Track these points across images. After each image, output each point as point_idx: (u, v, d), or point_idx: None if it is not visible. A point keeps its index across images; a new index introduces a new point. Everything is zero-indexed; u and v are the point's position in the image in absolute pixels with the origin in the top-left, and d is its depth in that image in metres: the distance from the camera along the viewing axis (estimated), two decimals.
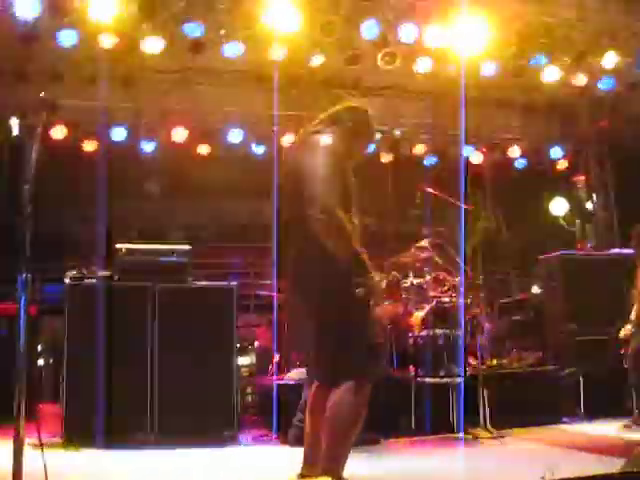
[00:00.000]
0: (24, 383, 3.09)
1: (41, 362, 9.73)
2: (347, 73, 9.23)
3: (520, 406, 7.01)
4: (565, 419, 7.36)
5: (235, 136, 10.03)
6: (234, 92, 9.83)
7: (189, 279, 6.53)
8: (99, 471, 5.26)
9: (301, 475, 3.95)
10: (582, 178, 11.45)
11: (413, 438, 6.51)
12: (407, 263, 7.40)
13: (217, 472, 5.11)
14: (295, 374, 7.05)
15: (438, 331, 6.68)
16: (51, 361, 9.82)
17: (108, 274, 6.42)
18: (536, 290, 10.00)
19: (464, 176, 8.30)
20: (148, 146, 9.94)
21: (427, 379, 6.61)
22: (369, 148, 4.26)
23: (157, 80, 9.48)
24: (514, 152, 11.21)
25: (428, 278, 7.31)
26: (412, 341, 6.82)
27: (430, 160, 10.95)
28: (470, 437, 6.42)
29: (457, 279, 7.30)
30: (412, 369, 6.80)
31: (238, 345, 6.98)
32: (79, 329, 6.15)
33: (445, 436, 6.54)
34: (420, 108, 10.60)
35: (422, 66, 8.74)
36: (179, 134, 9.75)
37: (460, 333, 6.70)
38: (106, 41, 7.79)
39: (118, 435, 5.99)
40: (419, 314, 6.99)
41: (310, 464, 3.93)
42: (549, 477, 3.82)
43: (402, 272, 7.41)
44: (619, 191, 11.51)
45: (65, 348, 6.16)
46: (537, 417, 7.09)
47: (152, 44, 7.89)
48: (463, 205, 7.19)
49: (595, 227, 11.35)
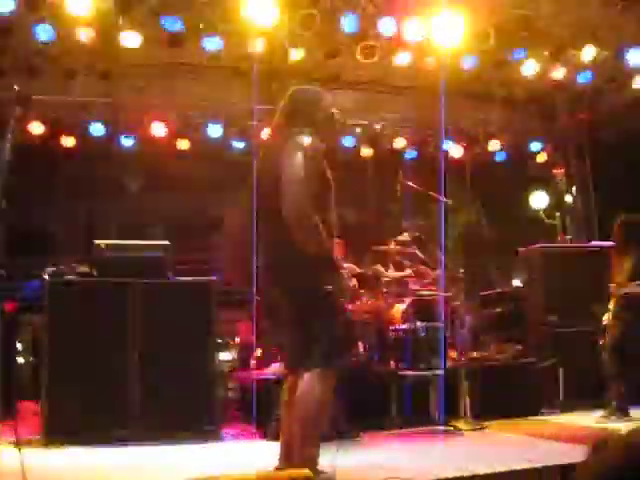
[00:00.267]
0: None
1: (21, 360, 9.66)
2: (327, 67, 9.21)
3: (501, 398, 7.05)
4: (545, 410, 7.42)
5: (215, 130, 9.99)
6: (213, 86, 9.79)
7: (169, 275, 6.50)
8: (80, 469, 5.22)
9: (277, 468, 3.97)
10: (561, 171, 11.48)
11: (394, 431, 6.52)
12: (387, 257, 7.41)
13: (199, 467, 5.08)
14: (276, 368, 7.04)
15: (419, 324, 6.69)
16: (31, 359, 9.75)
17: (87, 270, 6.38)
18: (517, 283, 10.04)
19: (444, 170, 8.31)
20: (127, 141, 9.88)
21: (408, 372, 6.62)
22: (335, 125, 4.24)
23: (135, 75, 9.41)
24: (494, 146, 11.24)
25: (408, 271, 7.32)
26: (393, 334, 6.83)
27: (410, 154, 10.96)
28: (451, 429, 6.45)
29: (437, 272, 7.31)
30: (393, 362, 6.81)
31: (219, 340, 6.96)
32: (59, 326, 6.11)
33: (426, 429, 6.56)
34: (400, 102, 10.60)
35: (401, 60, 8.74)
36: (158, 129, 9.70)
37: (441, 326, 6.71)
38: (83, 35, 7.73)
39: (99, 432, 5.97)
40: (400, 307, 7.00)
41: (287, 456, 3.97)
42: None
43: (382, 266, 7.42)
44: (598, 184, 11.57)
45: (44, 345, 6.12)
46: (517, 408, 7.14)
47: (130, 38, 7.84)
48: (443, 199, 7.20)
49: (575, 220, 11.41)
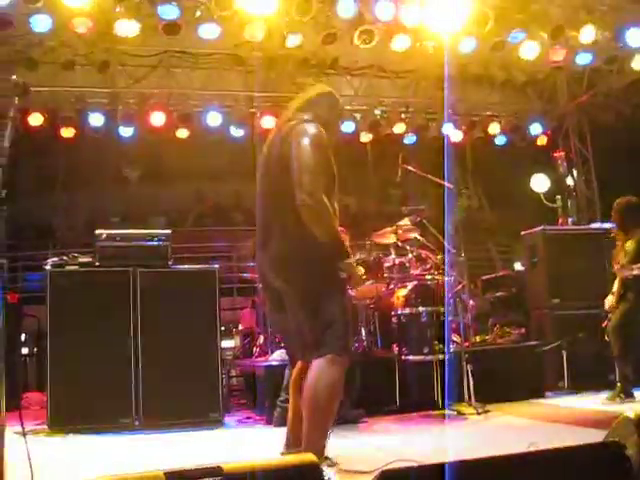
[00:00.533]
0: (3, 371, 3.06)
1: (25, 351, 9.70)
2: (324, 53, 9.18)
3: (504, 382, 7.05)
4: (549, 393, 7.43)
5: (214, 119, 9.97)
6: (211, 74, 9.78)
7: (170, 263, 6.51)
8: (84, 456, 5.24)
9: (282, 453, 3.98)
10: (562, 154, 11.46)
11: (398, 415, 6.54)
12: (389, 242, 7.40)
13: (203, 454, 5.10)
14: (279, 355, 7.05)
15: (421, 309, 6.68)
16: (35, 349, 9.79)
17: (89, 260, 6.38)
18: (518, 266, 10.04)
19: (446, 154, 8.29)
20: (126, 131, 9.86)
21: (411, 357, 6.62)
22: (340, 128, 4.44)
23: (133, 64, 9.40)
24: (494, 129, 11.21)
25: (410, 256, 7.31)
26: (395, 319, 6.82)
27: (410, 139, 10.93)
28: (455, 413, 6.45)
29: (439, 257, 7.30)
30: (396, 347, 6.81)
31: (222, 328, 6.97)
32: (61, 316, 6.11)
33: (430, 413, 6.57)
34: (399, 87, 10.58)
35: (400, 44, 8.70)
36: (157, 118, 9.68)
37: (444, 310, 6.70)
38: (80, 26, 7.71)
39: (103, 420, 6.00)
40: (402, 292, 6.99)
41: (292, 442, 3.96)
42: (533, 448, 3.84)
43: (384, 251, 7.41)
44: (599, 166, 11.56)
45: (48, 335, 6.13)
46: (521, 392, 7.15)
47: (127, 27, 7.82)
48: (444, 183, 7.18)
49: (576, 202, 11.40)
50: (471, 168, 11.50)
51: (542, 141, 11.62)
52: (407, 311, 6.74)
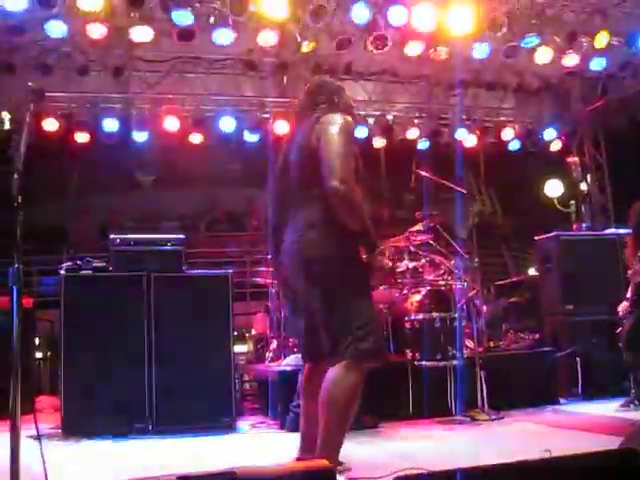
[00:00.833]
0: (19, 375, 3.08)
1: (39, 355, 9.74)
2: (338, 58, 9.18)
3: (518, 388, 7.04)
4: (563, 400, 7.39)
5: (227, 124, 9.99)
6: (225, 80, 9.80)
7: (184, 268, 6.53)
8: (98, 461, 5.26)
9: (297, 459, 3.94)
10: (576, 159, 11.42)
11: (411, 421, 6.53)
12: (402, 247, 7.39)
13: (216, 459, 5.11)
14: (292, 360, 7.05)
15: (434, 314, 6.68)
16: (49, 354, 9.83)
17: (103, 265, 6.41)
18: (533, 272, 10.01)
19: (459, 159, 8.29)
20: (140, 136, 9.89)
21: (424, 362, 6.61)
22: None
23: (147, 69, 9.44)
24: (507, 134, 11.18)
25: (423, 262, 7.30)
26: (409, 325, 6.82)
27: (423, 144, 10.92)
28: (468, 419, 6.44)
29: (452, 262, 7.29)
30: (409, 353, 6.81)
31: (235, 333, 6.98)
32: (75, 320, 6.14)
33: (443, 419, 6.55)
34: (412, 92, 10.56)
35: (413, 50, 8.69)
36: (171, 123, 9.71)
37: (457, 316, 6.70)
38: (95, 31, 7.75)
39: (116, 425, 6.02)
40: (415, 298, 6.99)
41: (307, 448, 3.92)
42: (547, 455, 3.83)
43: (398, 256, 7.40)
44: (613, 171, 11.51)
45: (62, 339, 6.16)
46: (535, 398, 7.12)
47: (141, 33, 7.85)
48: (458, 188, 7.18)
49: (590, 208, 11.35)
50: (484, 173, 11.48)
51: (556, 146, 11.57)
52: (420, 317, 6.73)
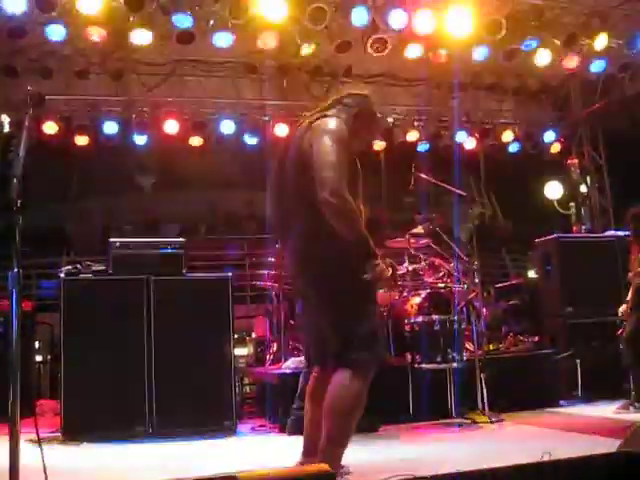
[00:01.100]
0: (18, 378, 3.07)
1: (39, 358, 9.73)
2: (338, 61, 9.20)
3: (518, 390, 7.04)
4: (563, 402, 7.39)
5: (227, 127, 10.00)
6: (225, 83, 9.81)
7: (184, 271, 6.52)
8: (98, 464, 5.26)
9: (301, 463, 3.93)
10: (576, 161, 11.43)
11: (412, 424, 6.52)
12: (402, 250, 7.40)
13: (217, 463, 5.11)
14: (292, 363, 7.05)
15: (434, 317, 6.67)
16: (49, 357, 9.82)
17: (103, 268, 6.41)
18: (533, 274, 10.00)
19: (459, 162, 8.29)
20: (140, 139, 9.90)
21: (424, 365, 6.61)
22: (376, 135, 4.25)
23: (147, 72, 9.44)
24: (507, 137, 11.19)
25: (423, 264, 7.30)
26: (408, 327, 6.81)
27: (423, 146, 10.92)
28: (468, 422, 6.44)
29: (452, 265, 7.29)
30: (409, 355, 6.80)
31: (235, 336, 6.98)
32: (75, 324, 6.13)
33: (443, 422, 6.55)
34: (412, 94, 10.57)
35: (412, 52, 8.71)
36: (171, 126, 9.71)
37: (456, 319, 6.69)
38: (94, 35, 7.76)
39: (116, 429, 6.01)
40: (415, 300, 6.98)
41: (310, 451, 3.91)
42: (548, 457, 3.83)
43: (397, 259, 7.40)
44: (613, 173, 11.51)
45: (61, 343, 6.16)
46: (535, 401, 7.12)
47: (141, 36, 7.86)
48: (457, 191, 7.18)
49: (590, 210, 11.36)
50: (484, 176, 11.48)
51: (556, 149, 11.58)
52: (420, 319, 6.73)
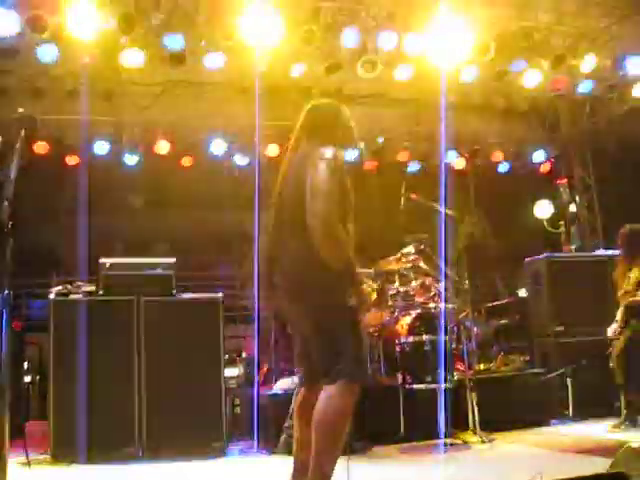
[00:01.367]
0: (6, 400, 3.06)
1: (28, 379, 9.66)
2: (328, 82, 9.23)
3: (508, 409, 7.03)
4: (554, 421, 7.39)
5: (218, 147, 10.02)
6: (216, 103, 9.83)
7: (174, 292, 6.51)
8: None
9: None
10: (565, 181, 11.50)
11: (402, 444, 6.50)
12: (393, 270, 7.40)
13: None
14: (283, 384, 7.03)
15: (425, 337, 6.68)
16: (37, 377, 9.76)
17: (93, 289, 6.39)
18: (523, 293, 10.02)
19: (445, 182, 8.31)
20: (131, 159, 9.90)
21: (415, 385, 6.60)
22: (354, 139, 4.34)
23: (138, 93, 9.46)
24: (497, 156, 11.25)
25: (414, 284, 7.30)
26: (399, 348, 6.81)
27: (413, 167, 10.97)
28: (459, 442, 6.42)
29: (443, 284, 7.30)
30: (400, 376, 6.79)
31: (226, 356, 6.96)
32: (64, 345, 6.10)
33: (434, 442, 6.53)
34: (402, 115, 10.63)
35: (403, 73, 8.77)
36: (162, 147, 9.73)
37: (446, 338, 6.69)
38: (86, 55, 7.79)
39: (106, 450, 5.97)
40: (406, 320, 6.98)
41: (300, 471, 3.92)
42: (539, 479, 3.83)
43: (388, 279, 7.41)
44: (602, 193, 11.58)
45: (51, 364, 6.12)
46: (526, 420, 7.12)
47: (132, 57, 7.89)
48: (446, 211, 7.20)
49: (579, 229, 11.41)
50: (474, 196, 11.52)
51: (545, 168, 11.66)
52: (411, 339, 6.73)
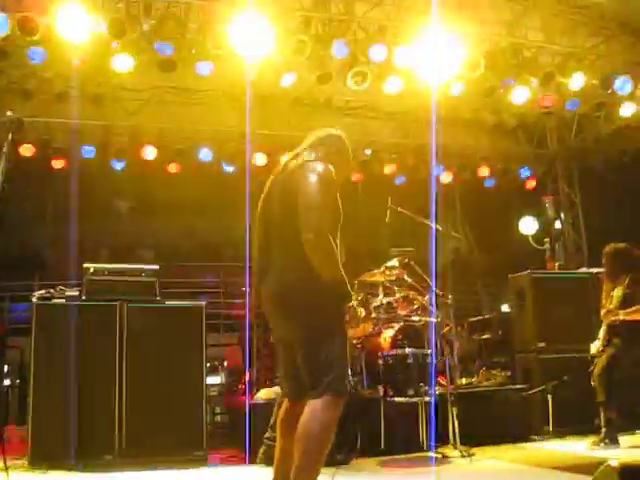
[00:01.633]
0: None
1: (7, 382, 9.61)
2: (318, 92, 9.27)
3: (489, 424, 7.03)
4: (534, 437, 7.39)
5: (206, 154, 10.02)
6: (204, 110, 9.84)
7: (158, 298, 6.49)
8: None
9: None
10: (551, 197, 11.57)
11: (383, 457, 6.50)
12: (377, 282, 7.40)
13: None
14: (264, 393, 7.01)
15: (407, 350, 6.68)
16: (17, 381, 9.70)
17: (76, 293, 6.36)
18: (506, 308, 10.06)
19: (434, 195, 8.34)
20: (118, 164, 9.89)
21: (396, 398, 6.59)
22: (350, 172, 4.39)
23: (127, 98, 9.46)
24: (484, 172, 11.31)
25: (398, 297, 7.31)
26: (381, 361, 6.80)
27: (400, 179, 11.01)
28: (440, 456, 6.41)
29: (426, 298, 7.30)
30: (381, 388, 6.78)
31: (208, 364, 6.94)
32: (46, 349, 6.07)
33: (415, 455, 6.53)
34: (390, 128, 10.68)
35: (392, 86, 8.80)
36: (149, 152, 9.71)
37: (430, 352, 6.70)
38: (76, 59, 7.77)
39: (86, 456, 5.93)
40: (388, 333, 6.98)
41: None
42: None
43: (372, 291, 7.41)
44: (587, 210, 11.65)
45: (32, 368, 6.08)
46: (506, 435, 7.11)
47: (122, 62, 7.87)
48: (433, 224, 7.21)
49: (564, 246, 11.47)
50: (460, 210, 11.58)
51: (531, 185, 11.72)
52: (393, 352, 6.72)
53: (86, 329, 6.14)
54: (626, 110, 9.70)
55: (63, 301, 6.27)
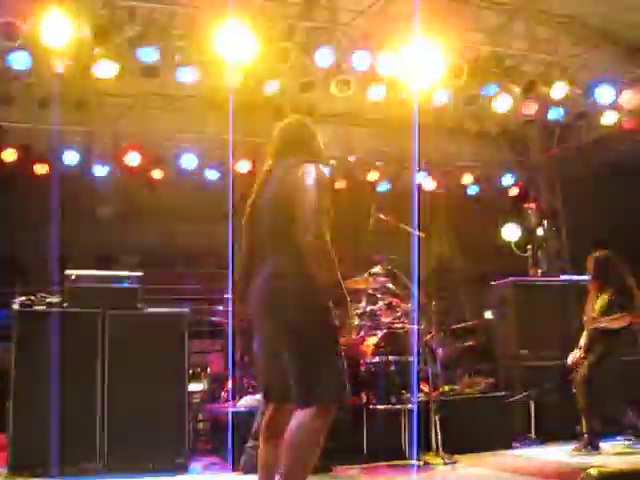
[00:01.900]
0: None
1: None
2: (301, 100, 9.27)
3: (472, 432, 7.05)
4: (516, 444, 7.42)
5: (189, 161, 10.00)
6: (188, 117, 9.83)
7: (140, 305, 6.46)
8: None
9: None
10: (533, 205, 11.63)
11: (365, 465, 6.49)
12: (360, 289, 7.41)
13: None
14: (247, 401, 7.00)
15: (390, 358, 6.69)
16: None
17: (58, 300, 6.32)
18: (488, 315, 10.08)
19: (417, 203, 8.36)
20: (101, 170, 9.85)
21: (379, 406, 6.60)
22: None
23: (110, 104, 9.43)
24: (466, 179, 11.36)
25: (381, 304, 7.32)
26: (364, 368, 6.81)
27: (383, 187, 11.03)
28: (422, 463, 6.42)
29: (409, 305, 7.32)
30: (364, 396, 6.79)
31: (190, 371, 6.91)
32: (27, 356, 6.02)
33: (397, 463, 6.54)
34: (373, 135, 10.71)
35: (375, 94, 8.83)
36: (132, 159, 9.69)
37: (412, 359, 6.71)
38: (59, 64, 7.73)
39: (67, 465, 5.88)
40: (372, 340, 6.99)
41: None
42: None
43: (355, 298, 7.42)
44: (569, 218, 11.72)
45: (12, 376, 6.03)
46: (489, 442, 7.13)
47: (105, 68, 7.84)
48: (416, 232, 7.24)
49: (546, 253, 11.52)
50: (443, 217, 11.62)
51: (514, 192, 11.78)
52: (376, 359, 6.73)
53: (68, 336, 6.08)
54: (608, 119, 9.78)
55: (44, 308, 6.23)
